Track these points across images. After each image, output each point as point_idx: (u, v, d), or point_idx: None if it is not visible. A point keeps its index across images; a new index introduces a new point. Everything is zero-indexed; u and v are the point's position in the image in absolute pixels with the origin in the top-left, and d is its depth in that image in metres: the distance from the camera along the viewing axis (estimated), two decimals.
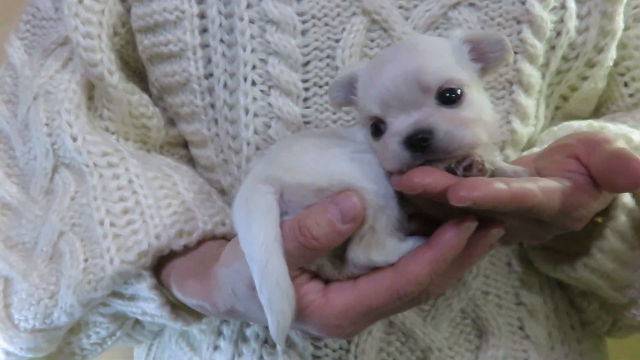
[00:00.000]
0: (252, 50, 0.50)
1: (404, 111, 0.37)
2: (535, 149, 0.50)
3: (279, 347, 0.50)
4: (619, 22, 0.53)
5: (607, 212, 0.45)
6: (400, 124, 0.37)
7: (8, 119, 0.57)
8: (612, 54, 0.54)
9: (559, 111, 0.58)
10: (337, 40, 0.49)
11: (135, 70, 0.58)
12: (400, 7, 0.50)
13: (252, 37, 0.50)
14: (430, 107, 0.36)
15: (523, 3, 0.49)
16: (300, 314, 0.37)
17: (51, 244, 0.50)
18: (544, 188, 0.35)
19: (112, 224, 0.48)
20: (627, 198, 0.45)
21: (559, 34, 0.51)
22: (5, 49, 0.60)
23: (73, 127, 0.51)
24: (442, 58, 0.37)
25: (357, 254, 0.37)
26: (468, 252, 0.37)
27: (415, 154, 0.36)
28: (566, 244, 0.49)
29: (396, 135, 0.36)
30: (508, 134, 0.51)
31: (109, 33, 0.53)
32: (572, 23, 0.51)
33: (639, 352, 0.82)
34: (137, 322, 0.58)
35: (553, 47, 0.51)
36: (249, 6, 0.50)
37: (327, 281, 0.39)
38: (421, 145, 0.35)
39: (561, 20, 0.51)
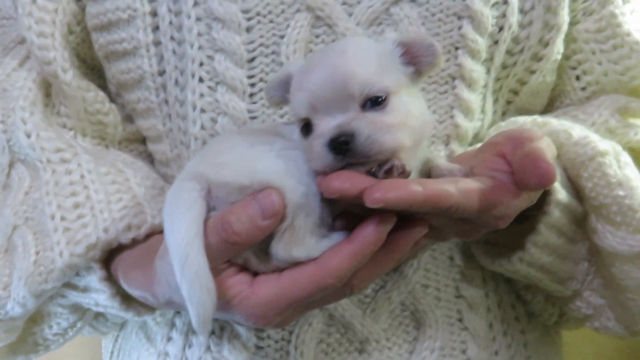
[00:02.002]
0: (199, 48, 0.51)
1: (329, 114, 0.38)
2: (480, 145, 0.51)
3: (201, 337, 0.52)
4: (564, 16, 0.54)
5: (540, 207, 0.46)
6: (325, 127, 0.38)
7: None
8: (558, 47, 0.55)
9: (511, 105, 0.58)
10: (282, 37, 0.50)
11: (94, 67, 0.60)
12: (344, 3, 0.51)
13: (199, 34, 0.51)
14: (354, 111, 0.38)
15: None
16: (228, 304, 0.39)
17: (5, 238, 0.52)
18: (462, 189, 0.37)
19: (62, 218, 0.50)
20: (561, 194, 0.46)
21: (501, 28, 0.52)
22: None
23: (27, 123, 0.53)
24: (369, 64, 0.38)
25: (279, 250, 0.38)
26: (390, 248, 0.39)
27: (338, 156, 0.37)
28: (506, 238, 0.50)
29: (321, 137, 0.38)
30: (452, 129, 0.52)
31: (62, 31, 0.54)
32: (515, 18, 0.52)
33: (599, 342, 0.83)
34: (99, 313, 0.60)
35: (496, 42, 0.52)
36: (195, 4, 0.51)
37: (255, 273, 0.40)
38: (343, 148, 0.37)
39: (503, 15, 0.51)
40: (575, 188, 0.48)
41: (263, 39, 0.50)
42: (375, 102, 0.38)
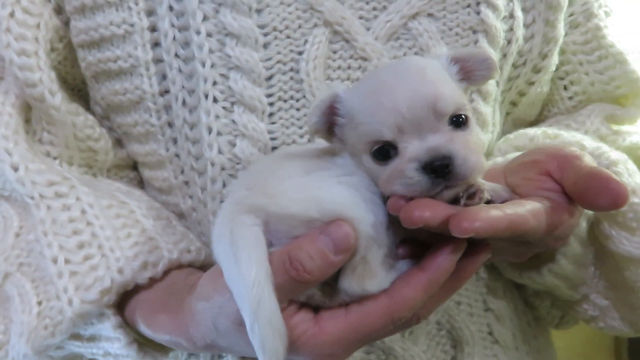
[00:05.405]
0: (212, 65, 0.47)
1: (417, 136, 0.36)
2: (499, 159, 0.51)
3: None
4: (560, 29, 0.56)
5: None
6: (416, 150, 0.35)
7: None
8: (555, 59, 0.57)
9: (509, 117, 0.60)
10: (300, 53, 0.48)
11: (74, 88, 0.54)
12: (361, 17, 0.49)
13: (211, 51, 0.47)
14: (446, 132, 0.36)
15: (478, 13, 0.51)
16: (293, 345, 0.36)
17: None
18: (533, 211, 0.36)
19: (67, 261, 0.44)
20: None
21: (509, 42, 0.53)
22: None
23: (13, 155, 0.46)
24: (449, 82, 0.37)
25: (351, 285, 0.36)
26: (457, 275, 0.37)
27: (437, 180, 0.35)
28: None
29: (413, 161, 0.35)
30: None
31: (46, 49, 0.48)
32: (520, 31, 0.53)
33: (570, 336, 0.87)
34: None
35: (505, 55, 0.53)
36: (205, 19, 0.47)
37: (315, 308, 0.38)
38: (443, 171, 0.35)
39: (511, 29, 0.53)
40: None
41: (280, 56, 0.48)
42: (460, 122, 0.36)
